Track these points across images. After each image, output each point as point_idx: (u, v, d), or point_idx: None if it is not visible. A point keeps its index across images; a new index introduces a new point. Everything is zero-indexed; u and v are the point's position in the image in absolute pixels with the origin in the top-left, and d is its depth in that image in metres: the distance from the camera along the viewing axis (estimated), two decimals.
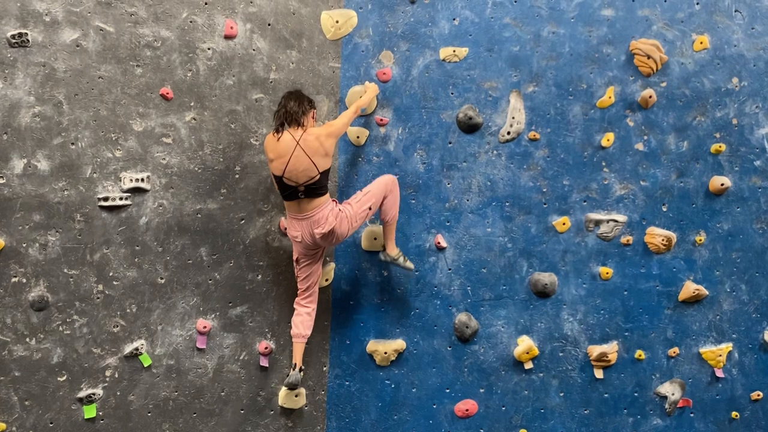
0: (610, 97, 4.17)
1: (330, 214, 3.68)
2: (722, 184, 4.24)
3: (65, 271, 3.86)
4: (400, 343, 4.20)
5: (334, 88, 4.05)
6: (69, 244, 3.85)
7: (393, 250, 3.96)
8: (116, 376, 3.97)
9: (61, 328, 3.88)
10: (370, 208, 3.79)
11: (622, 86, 4.17)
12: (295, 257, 3.84)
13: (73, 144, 3.82)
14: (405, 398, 4.27)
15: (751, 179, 4.29)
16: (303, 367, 3.95)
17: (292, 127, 3.60)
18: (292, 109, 3.60)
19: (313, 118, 3.71)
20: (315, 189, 3.62)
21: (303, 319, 3.89)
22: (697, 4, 4.22)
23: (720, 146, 4.24)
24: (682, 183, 4.26)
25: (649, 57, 4.12)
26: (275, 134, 3.60)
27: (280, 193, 3.72)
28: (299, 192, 3.60)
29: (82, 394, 3.93)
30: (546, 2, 4.16)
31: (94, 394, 3.94)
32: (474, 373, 4.29)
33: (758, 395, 4.45)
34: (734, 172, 4.28)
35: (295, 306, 3.94)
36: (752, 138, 4.26)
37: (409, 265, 3.97)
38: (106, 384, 3.96)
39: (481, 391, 4.31)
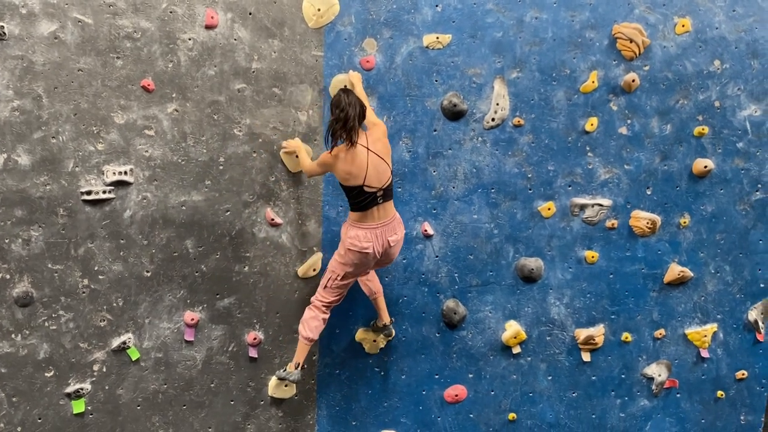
0: (593, 82, 4.18)
1: (400, 220, 3.75)
2: (705, 167, 4.27)
3: (49, 266, 3.83)
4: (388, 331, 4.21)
5: (317, 77, 4.03)
6: (52, 239, 3.82)
7: (387, 319, 4.08)
8: (104, 370, 3.96)
9: (46, 324, 3.86)
10: None
11: (605, 70, 4.18)
12: (341, 274, 3.68)
13: (54, 138, 3.78)
14: (394, 385, 4.29)
15: (734, 161, 4.33)
16: (305, 366, 3.98)
17: (359, 129, 3.50)
18: (358, 113, 3.45)
19: None
20: (390, 191, 3.61)
21: (318, 325, 3.80)
22: None
23: (703, 129, 4.26)
24: (666, 166, 4.29)
25: (631, 41, 4.13)
26: (348, 147, 3.46)
27: (353, 205, 3.59)
28: (378, 197, 3.55)
29: (70, 389, 3.91)
30: None
31: (82, 389, 3.93)
32: (462, 359, 4.32)
33: (743, 374, 4.51)
34: (717, 154, 4.31)
35: (313, 310, 3.80)
36: (734, 120, 4.29)
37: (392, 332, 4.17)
38: (94, 378, 3.95)
39: (470, 376, 4.34)
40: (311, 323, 3.79)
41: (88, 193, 3.83)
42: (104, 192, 3.84)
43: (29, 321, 3.84)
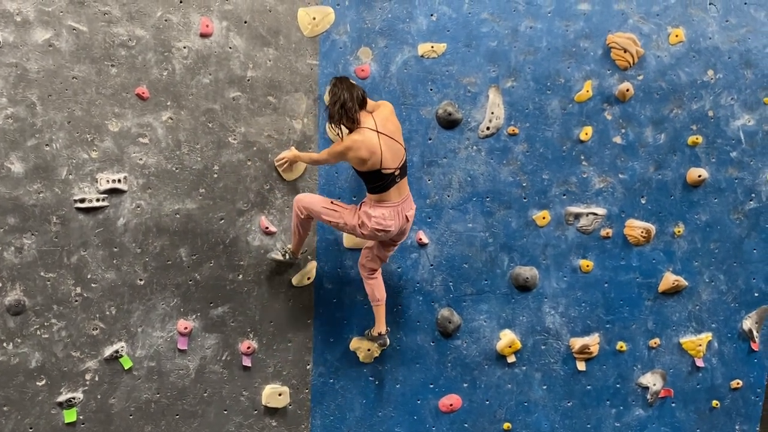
0: (587, 91, 4.19)
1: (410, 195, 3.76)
2: (699, 176, 4.28)
3: (42, 274, 3.81)
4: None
5: (312, 85, 4.03)
6: (45, 247, 3.80)
7: (383, 328, 4.01)
8: (96, 379, 3.93)
9: (38, 332, 3.83)
10: None
11: (599, 80, 4.19)
12: (346, 227, 3.69)
13: (47, 145, 3.77)
14: (389, 394, 4.27)
15: (728, 170, 4.34)
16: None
17: (361, 113, 3.52)
18: (357, 96, 3.48)
19: None
20: (405, 167, 3.64)
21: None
22: None
23: (697, 138, 4.28)
24: (660, 175, 4.30)
25: (625, 50, 4.15)
26: (358, 130, 3.49)
27: (372, 188, 3.59)
28: (396, 177, 3.58)
29: (61, 398, 3.88)
30: None
31: (74, 398, 3.89)
32: (457, 368, 4.30)
33: (738, 384, 4.51)
34: (711, 163, 4.32)
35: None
36: (728, 129, 4.31)
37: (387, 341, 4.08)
38: (86, 388, 3.92)
39: (465, 385, 4.32)
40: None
41: (82, 200, 3.81)
42: (98, 200, 3.83)
43: (21, 329, 3.81)
